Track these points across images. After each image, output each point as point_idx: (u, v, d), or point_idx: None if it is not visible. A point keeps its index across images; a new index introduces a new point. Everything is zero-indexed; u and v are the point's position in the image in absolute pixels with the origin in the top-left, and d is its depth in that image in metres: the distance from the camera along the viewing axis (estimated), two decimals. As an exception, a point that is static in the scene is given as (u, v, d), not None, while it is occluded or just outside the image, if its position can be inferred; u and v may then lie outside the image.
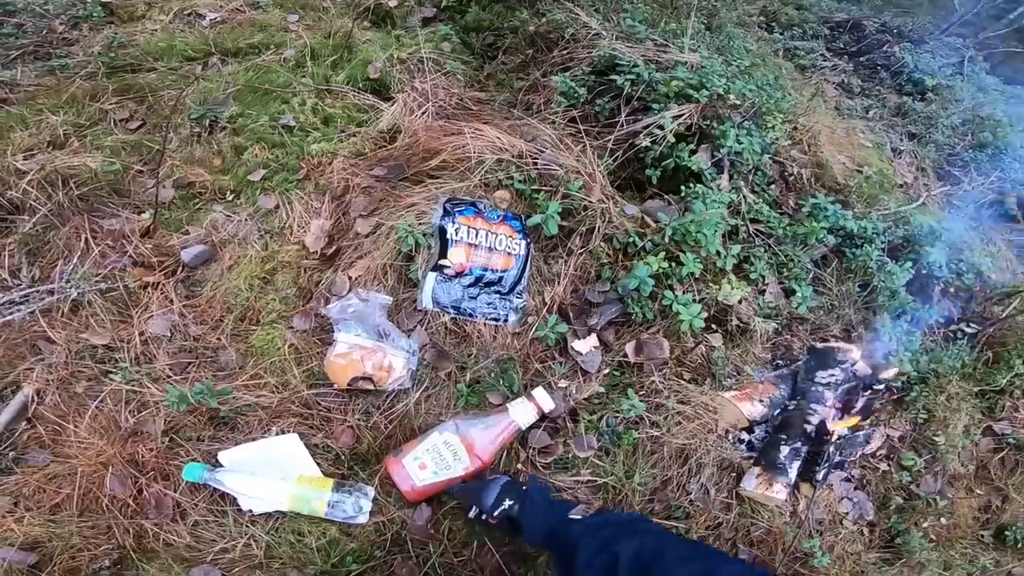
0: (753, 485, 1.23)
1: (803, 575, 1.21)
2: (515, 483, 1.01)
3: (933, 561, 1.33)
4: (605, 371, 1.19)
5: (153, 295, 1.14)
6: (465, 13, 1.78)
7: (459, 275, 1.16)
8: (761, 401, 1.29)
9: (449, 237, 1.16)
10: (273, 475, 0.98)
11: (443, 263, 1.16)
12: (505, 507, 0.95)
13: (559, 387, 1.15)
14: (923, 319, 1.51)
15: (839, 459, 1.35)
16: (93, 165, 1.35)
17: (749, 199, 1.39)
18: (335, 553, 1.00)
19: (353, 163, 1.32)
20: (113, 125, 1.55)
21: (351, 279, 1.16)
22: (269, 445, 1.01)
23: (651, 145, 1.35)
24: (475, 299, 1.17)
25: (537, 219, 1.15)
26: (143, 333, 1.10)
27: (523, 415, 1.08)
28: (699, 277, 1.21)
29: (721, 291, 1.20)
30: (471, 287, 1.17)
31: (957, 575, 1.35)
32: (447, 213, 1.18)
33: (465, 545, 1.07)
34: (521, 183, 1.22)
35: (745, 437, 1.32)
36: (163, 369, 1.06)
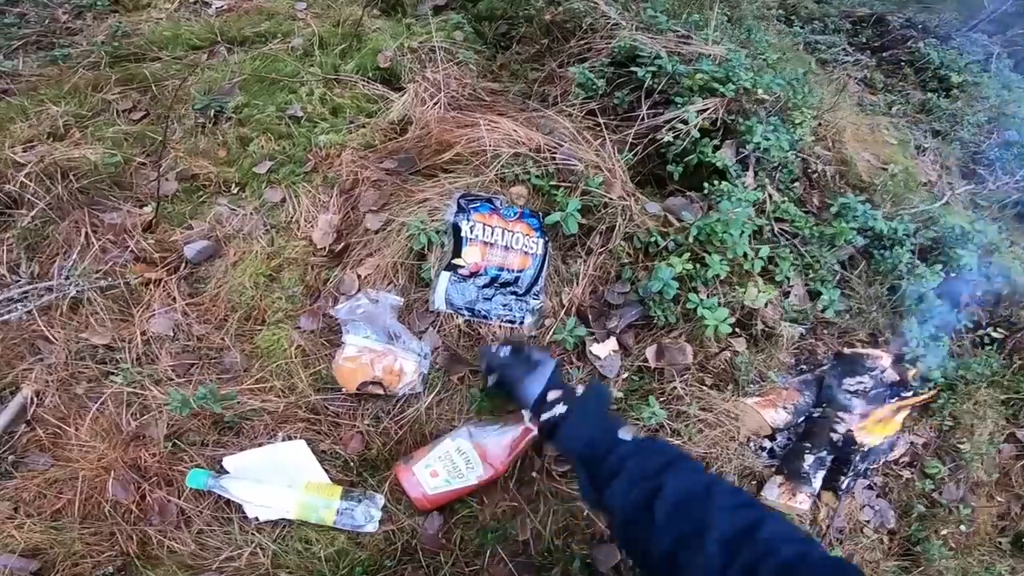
0: (775, 494, 1.17)
1: (823, 585, 1.17)
2: (561, 373, 0.87)
3: (952, 569, 1.27)
4: (624, 376, 1.13)
5: (155, 293, 1.09)
6: (477, 1, 1.70)
7: (473, 275, 1.10)
8: (785, 408, 1.24)
9: (463, 235, 1.10)
10: (280, 482, 0.93)
11: (457, 262, 1.10)
12: (552, 413, 0.81)
13: (576, 393, 1.09)
14: (950, 324, 1.44)
15: (862, 467, 1.30)
16: (94, 157, 1.29)
17: (774, 197, 1.32)
18: (344, 563, 0.96)
19: (362, 155, 1.25)
20: (115, 116, 1.49)
21: (360, 277, 1.10)
22: (276, 451, 0.96)
23: (673, 140, 1.28)
24: (490, 300, 1.11)
25: (556, 217, 1.09)
26: (145, 333, 1.05)
27: (539, 422, 1.03)
28: (724, 279, 1.14)
29: (747, 294, 1.14)
30: (486, 288, 1.11)
31: None
32: (461, 210, 1.12)
33: (477, 555, 1.02)
34: (539, 178, 1.15)
35: (767, 444, 1.27)
36: (165, 371, 1.01)
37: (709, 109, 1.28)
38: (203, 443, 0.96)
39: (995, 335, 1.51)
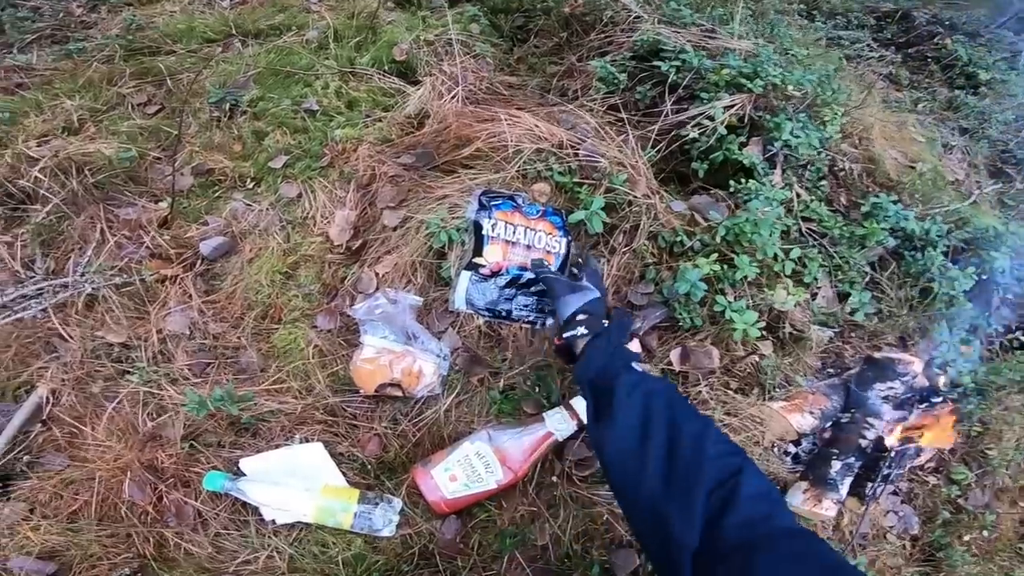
0: (800, 500, 1.13)
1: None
2: (603, 308, 0.89)
3: (973, 575, 1.24)
4: (648, 379, 1.09)
5: (171, 290, 1.06)
6: (494, -7, 1.65)
7: (495, 275, 1.05)
8: (811, 412, 1.19)
9: (485, 233, 1.05)
10: (297, 485, 0.90)
11: (478, 261, 1.05)
12: (573, 332, 0.85)
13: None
14: (981, 328, 1.39)
15: (888, 473, 1.25)
16: (108, 152, 1.27)
17: (802, 196, 1.26)
18: (361, 567, 0.93)
19: (379, 150, 1.21)
20: (130, 109, 1.46)
21: (378, 276, 1.07)
22: (293, 454, 0.93)
23: (699, 137, 1.23)
24: (511, 300, 1.06)
25: (580, 215, 1.04)
26: (161, 331, 1.02)
27: (561, 426, 0.99)
28: (752, 281, 1.09)
29: (776, 296, 1.09)
30: (507, 288, 1.06)
31: None
32: (483, 207, 1.07)
33: (495, 560, 0.99)
34: (561, 175, 1.11)
35: (791, 450, 1.22)
36: (181, 370, 0.98)
37: (736, 105, 1.23)
38: (220, 444, 0.93)
39: (1024, 339, 1.45)
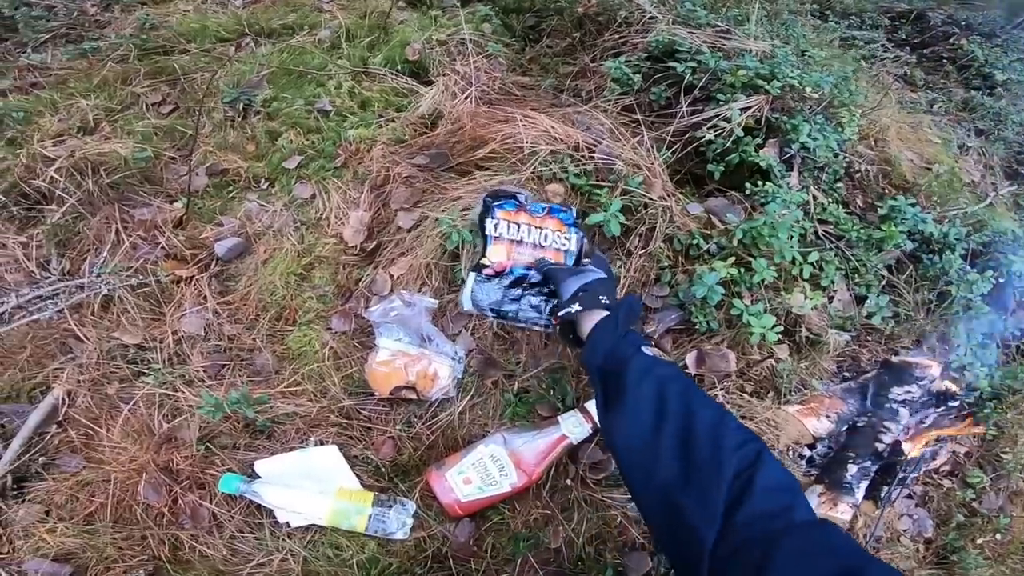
0: (815, 504, 1.11)
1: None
2: (610, 289, 0.85)
3: None
4: (663, 383, 1.07)
5: (186, 291, 1.05)
6: (506, -7, 1.62)
7: (499, 275, 1.03)
8: (827, 416, 1.16)
9: (488, 233, 1.03)
10: (312, 488, 0.89)
11: (483, 262, 1.03)
12: (568, 310, 0.81)
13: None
14: (999, 332, 1.35)
15: (903, 476, 1.22)
16: (124, 152, 1.25)
17: (819, 199, 1.23)
18: (375, 570, 0.92)
19: (393, 150, 1.19)
20: (145, 109, 1.45)
21: (393, 278, 1.05)
22: (308, 456, 0.91)
23: (715, 138, 1.20)
24: (517, 301, 1.03)
25: (598, 218, 1.02)
26: (176, 332, 1.00)
27: (575, 429, 0.97)
28: (769, 284, 1.07)
29: (794, 300, 1.06)
30: (512, 287, 1.03)
31: None
32: (486, 208, 1.05)
33: (508, 563, 0.98)
34: (577, 177, 1.08)
35: (806, 453, 1.20)
36: (197, 371, 0.97)
37: (753, 107, 1.20)
38: (235, 446, 0.91)
39: (1041, 343, 1.42)
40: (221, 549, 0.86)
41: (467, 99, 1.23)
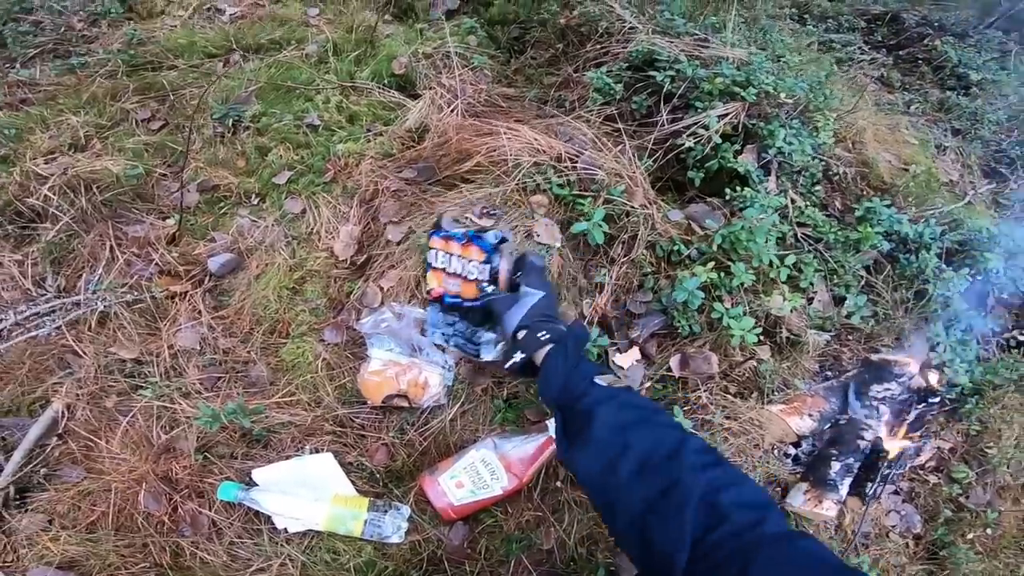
0: (800, 501, 1.17)
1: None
2: (551, 307, 0.84)
3: (977, 572, 1.27)
4: (648, 385, 1.14)
5: (181, 306, 1.11)
6: (490, 5, 1.70)
7: (436, 302, 1.08)
8: (810, 415, 1.23)
9: (428, 261, 1.09)
10: (308, 495, 0.95)
11: (427, 289, 1.09)
12: (513, 361, 0.82)
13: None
14: (977, 328, 1.43)
15: (888, 472, 1.29)
16: (116, 169, 1.31)
17: (797, 203, 1.31)
18: (371, 574, 0.97)
19: (381, 164, 1.26)
20: (135, 125, 1.51)
21: (383, 290, 1.11)
22: (303, 464, 0.97)
23: (694, 146, 1.28)
24: (453, 326, 1.09)
25: (582, 227, 1.09)
26: (172, 346, 1.06)
27: (564, 432, 1.04)
28: (749, 288, 1.14)
29: (773, 302, 1.14)
30: (446, 314, 1.08)
31: None
32: (429, 236, 1.10)
33: (502, 564, 1.03)
34: (560, 187, 1.16)
35: (792, 452, 1.27)
36: (193, 384, 1.03)
37: (731, 114, 1.28)
38: (232, 456, 0.97)
39: (1022, 338, 1.49)
40: (221, 555, 0.91)
41: (453, 112, 1.30)
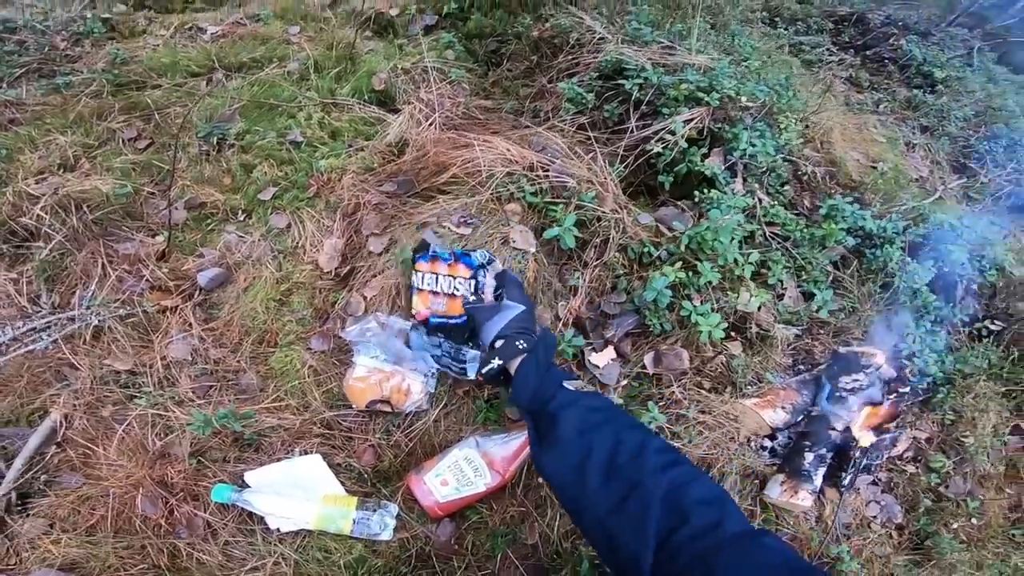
0: (777, 492, 1.26)
1: (832, 581, 1.22)
2: (530, 319, 0.89)
3: (965, 562, 1.34)
4: (624, 383, 1.23)
5: (172, 319, 1.20)
6: (467, 20, 1.82)
7: (422, 324, 1.13)
8: (783, 408, 1.33)
9: (413, 285, 1.14)
10: (299, 495, 1.03)
11: (413, 313, 1.15)
12: (490, 367, 0.87)
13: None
14: (947, 318, 1.54)
15: (866, 463, 1.38)
16: (105, 188, 1.41)
17: (764, 202, 1.42)
18: (362, 570, 1.05)
19: (363, 179, 1.36)
20: (121, 144, 1.61)
21: (366, 299, 1.21)
22: (293, 465, 1.06)
23: (662, 151, 1.39)
24: (439, 347, 1.14)
25: (554, 232, 1.19)
26: (164, 358, 1.15)
27: (542, 429, 1.13)
28: (717, 285, 1.24)
29: (740, 299, 1.24)
30: (432, 336, 1.12)
31: (989, 575, 1.36)
32: (413, 260, 1.15)
33: (488, 559, 1.12)
34: (533, 195, 1.26)
35: (768, 444, 1.35)
36: (186, 393, 1.12)
37: (695, 119, 1.39)
38: (225, 459, 1.06)
39: (992, 327, 1.59)
40: (217, 555, 0.99)
41: (431, 126, 1.41)
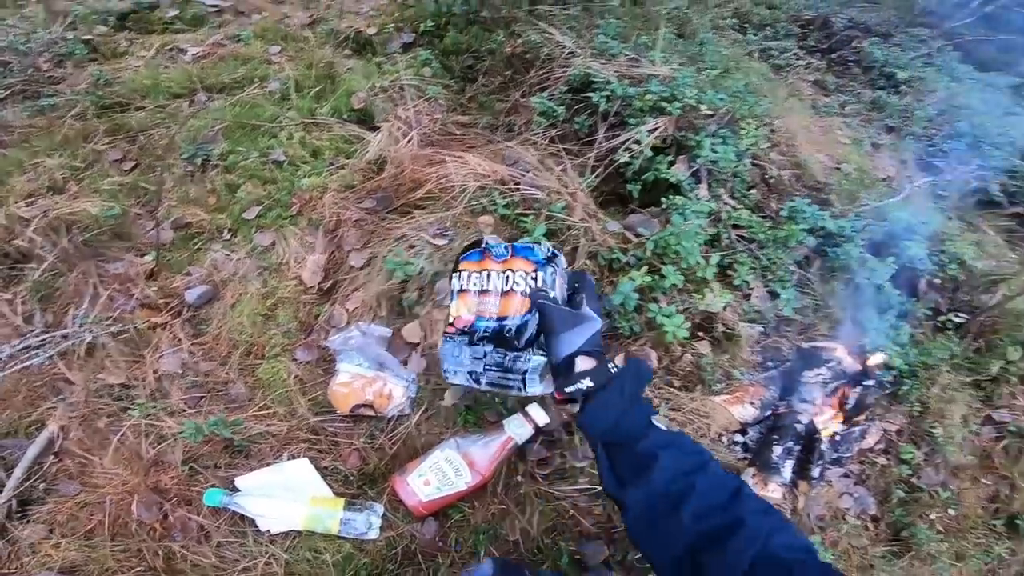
0: (750, 485, 1.37)
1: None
2: (600, 337, 0.83)
3: (944, 552, 1.43)
4: (596, 382, 1.35)
5: (162, 335, 1.31)
6: (443, 37, 1.96)
7: (462, 333, 0.95)
8: (752, 403, 1.45)
9: (452, 289, 1.00)
10: (288, 497, 1.14)
11: (449, 321, 0.97)
12: (578, 387, 0.78)
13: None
14: (910, 312, 1.66)
15: (836, 455, 1.50)
16: (94, 210, 1.52)
17: (729, 206, 1.55)
18: (350, 568, 1.15)
19: (343, 196, 1.49)
20: (108, 166, 1.72)
21: (348, 311, 1.33)
22: (282, 469, 1.17)
23: (630, 160, 1.52)
24: (482, 359, 0.94)
25: (525, 242, 1.31)
26: (156, 371, 1.26)
27: (519, 430, 1.22)
28: (682, 288, 1.37)
29: (704, 300, 1.36)
30: (476, 345, 0.94)
31: (972, 565, 1.45)
32: (455, 268, 1.02)
33: (472, 555, 1.22)
34: (505, 208, 1.38)
35: (739, 439, 1.47)
36: (178, 404, 1.22)
37: (659, 128, 1.52)
38: (216, 465, 1.17)
39: (957, 320, 1.72)
40: (210, 557, 1.09)
41: (409, 143, 1.54)
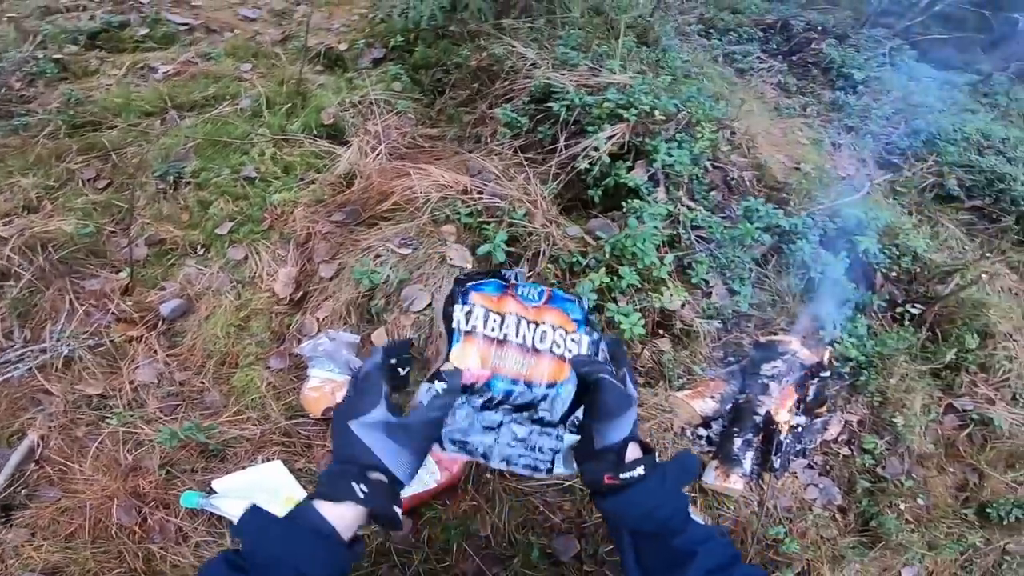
0: (712, 478, 1.48)
1: (777, 561, 1.41)
2: (637, 434, 0.78)
3: (915, 543, 1.52)
4: (559, 380, 1.46)
5: (138, 347, 1.42)
6: (413, 52, 2.10)
7: (469, 390, 0.76)
8: (712, 397, 1.57)
9: (455, 327, 0.79)
10: (263, 498, 1.23)
11: (445, 368, 0.75)
12: (631, 474, 0.73)
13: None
14: (867, 304, 1.80)
15: (799, 447, 1.62)
16: (69, 229, 1.63)
17: (687, 207, 1.69)
18: (324, 566, 1.26)
19: (313, 210, 1.61)
20: (81, 185, 1.83)
21: (319, 321, 1.44)
22: (257, 472, 1.27)
23: (590, 166, 1.66)
24: (496, 431, 0.76)
25: (486, 248, 1.44)
26: (133, 382, 1.37)
27: (485, 427, 1.34)
28: (640, 287, 1.49)
29: (662, 298, 1.49)
30: (488, 410, 0.76)
31: (946, 555, 1.53)
32: (453, 293, 0.82)
33: (445, 551, 1.32)
34: (468, 216, 1.51)
35: (703, 433, 1.59)
36: (154, 412, 1.33)
37: (616, 135, 1.66)
38: (193, 469, 1.27)
39: (912, 310, 1.86)
40: (189, 557, 1.19)
41: (377, 156, 1.66)
